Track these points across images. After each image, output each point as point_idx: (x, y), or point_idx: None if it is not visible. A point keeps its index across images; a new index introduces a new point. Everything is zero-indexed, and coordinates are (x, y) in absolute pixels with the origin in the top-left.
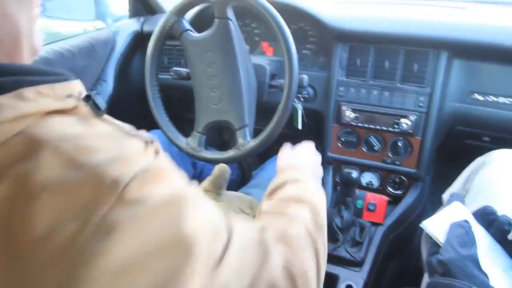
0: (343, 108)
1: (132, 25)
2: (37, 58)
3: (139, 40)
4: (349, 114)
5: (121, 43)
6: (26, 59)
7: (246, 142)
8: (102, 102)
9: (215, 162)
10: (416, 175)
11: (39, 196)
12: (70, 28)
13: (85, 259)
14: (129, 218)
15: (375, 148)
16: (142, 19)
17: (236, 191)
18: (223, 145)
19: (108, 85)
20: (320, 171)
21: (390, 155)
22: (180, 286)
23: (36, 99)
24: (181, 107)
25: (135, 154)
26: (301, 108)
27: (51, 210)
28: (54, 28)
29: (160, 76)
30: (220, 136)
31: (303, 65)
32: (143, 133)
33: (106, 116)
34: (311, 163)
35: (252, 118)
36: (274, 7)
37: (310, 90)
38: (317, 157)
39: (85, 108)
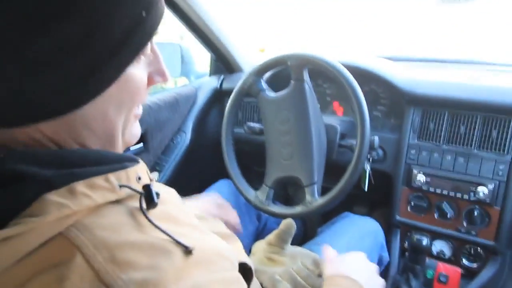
0: (414, 171)
1: (212, 82)
2: None
3: (218, 96)
4: (420, 178)
5: (202, 98)
6: (117, 151)
7: (314, 199)
8: (155, 195)
9: (282, 217)
10: (494, 249)
11: None
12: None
13: None
14: None
15: (447, 215)
16: (221, 77)
17: (299, 246)
18: (287, 200)
19: (187, 136)
20: (380, 281)
21: (464, 224)
22: None
23: (87, 193)
24: (251, 161)
25: (169, 275)
26: (369, 169)
27: None
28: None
29: (235, 130)
30: (284, 190)
31: (373, 126)
32: (187, 234)
33: (159, 211)
34: (366, 273)
35: (321, 176)
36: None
37: (380, 152)
38: (372, 266)
39: (137, 198)
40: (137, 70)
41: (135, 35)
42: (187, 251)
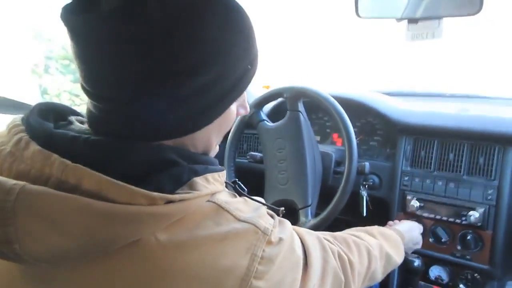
0: (408, 197)
1: None
2: None
3: None
4: (414, 203)
5: None
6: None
7: (307, 220)
8: (243, 186)
9: None
10: (490, 273)
11: (224, 241)
12: None
13: (255, 283)
14: (277, 253)
15: (442, 239)
16: None
17: None
18: None
19: None
20: (418, 239)
21: (459, 248)
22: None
23: (212, 182)
24: (253, 188)
25: (265, 214)
26: (366, 195)
27: (232, 250)
28: None
29: (238, 160)
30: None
31: (370, 155)
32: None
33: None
34: (410, 230)
35: (315, 199)
36: (343, 103)
37: (376, 179)
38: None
39: (230, 188)
40: (233, 107)
41: (243, 81)
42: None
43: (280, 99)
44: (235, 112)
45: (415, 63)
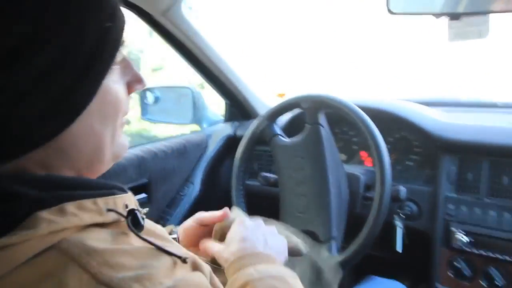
0: (453, 229)
1: (225, 129)
2: (133, 157)
3: (232, 144)
4: (461, 237)
5: (213, 147)
6: (107, 165)
7: (331, 256)
8: (141, 219)
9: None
10: None
11: None
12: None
13: None
14: None
15: (496, 283)
16: (236, 123)
17: None
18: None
19: (195, 187)
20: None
21: None
22: None
23: (76, 213)
24: (265, 215)
25: (160, 272)
26: (402, 226)
27: None
28: (153, 131)
29: (248, 182)
30: None
31: (405, 178)
32: (178, 248)
33: (146, 230)
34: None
35: (341, 231)
36: (372, 114)
37: (413, 206)
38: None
39: (124, 223)
40: (114, 82)
41: (104, 46)
42: (179, 258)
43: (297, 110)
44: (121, 88)
45: (457, 66)
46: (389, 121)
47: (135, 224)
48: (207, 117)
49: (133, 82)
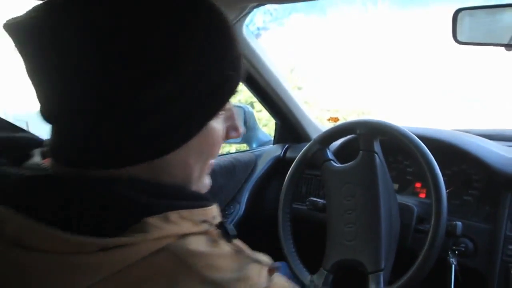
0: None
1: (275, 151)
2: None
3: (280, 166)
4: None
5: (261, 167)
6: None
7: None
8: (232, 230)
9: None
10: None
11: None
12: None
13: None
14: None
15: None
16: (286, 145)
17: None
18: None
19: (241, 207)
20: None
21: None
22: None
23: (177, 222)
24: (311, 241)
25: (255, 275)
26: (455, 263)
27: None
28: None
29: (295, 206)
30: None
31: (463, 213)
32: (263, 257)
33: (235, 241)
34: None
35: (390, 263)
36: (430, 144)
37: (470, 244)
38: None
39: (216, 232)
40: (217, 124)
41: (221, 90)
42: (263, 265)
43: (351, 136)
44: (221, 131)
45: None
46: (448, 153)
47: (224, 234)
48: (257, 137)
49: (231, 130)
